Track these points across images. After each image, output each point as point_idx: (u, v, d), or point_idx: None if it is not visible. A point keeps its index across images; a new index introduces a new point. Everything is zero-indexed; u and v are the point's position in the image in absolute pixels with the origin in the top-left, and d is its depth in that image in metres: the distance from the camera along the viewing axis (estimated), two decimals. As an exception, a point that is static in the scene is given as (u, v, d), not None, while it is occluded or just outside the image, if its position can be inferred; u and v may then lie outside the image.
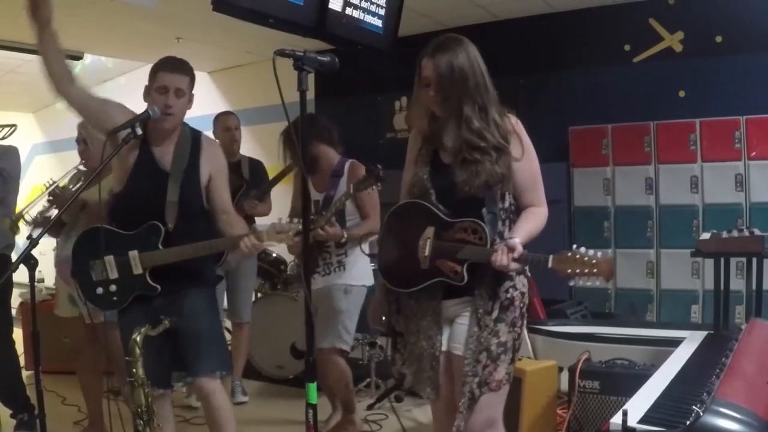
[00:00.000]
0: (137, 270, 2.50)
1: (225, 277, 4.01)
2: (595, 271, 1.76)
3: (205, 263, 2.65)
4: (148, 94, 2.57)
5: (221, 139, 4.05)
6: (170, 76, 2.54)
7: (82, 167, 3.47)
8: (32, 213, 3.42)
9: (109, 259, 2.53)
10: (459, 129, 2.00)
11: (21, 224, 3.41)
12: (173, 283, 2.54)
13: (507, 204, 2.05)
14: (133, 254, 2.50)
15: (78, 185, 3.38)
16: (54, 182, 3.37)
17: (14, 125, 3.90)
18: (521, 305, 2.06)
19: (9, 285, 3.49)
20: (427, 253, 2.01)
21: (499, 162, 1.98)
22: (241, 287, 4.16)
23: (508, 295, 2.03)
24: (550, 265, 1.83)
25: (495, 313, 2.00)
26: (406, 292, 2.11)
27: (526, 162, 2.04)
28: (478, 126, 1.98)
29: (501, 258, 1.87)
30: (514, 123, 2.06)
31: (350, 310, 3.44)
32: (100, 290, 2.55)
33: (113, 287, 2.53)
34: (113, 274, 2.53)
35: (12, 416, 3.64)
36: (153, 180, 2.53)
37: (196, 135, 2.66)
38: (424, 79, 2.04)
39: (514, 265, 1.89)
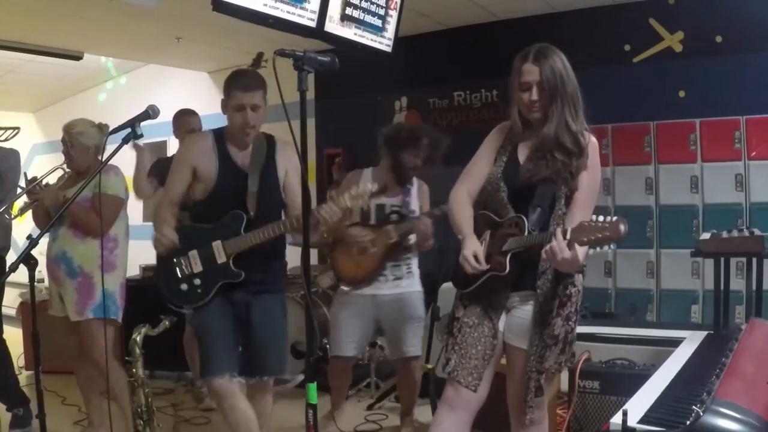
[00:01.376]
0: (221, 259, 2.58)
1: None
2: (607, 234, 1.82)
3: (281, 268, 2.85)
4: (225, 108, 2.67)
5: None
6: (244, 95, 2.60)
7: (65, 167, 3.46)
8: (10, 211, 3.42)
9: (193, 253, 2.61)
10: (554, 129, 2.10)
11: None
12: (255, 282, 2.64)
13: (562, 210, 2.13)
14: (216, 244, 2.58)
15: (62, 184, 3.37)
16: (35, 179, 3.38)
17: (17, 128, 3.91)
18: (577, 301, 2.16)
19: (1, 284, 3.49)
20: (482, 254, 2.11)
21: (571, 164, 2.09)
22: None
23: (567, 292, 2.13)
24: (568, 237, 1.89)
25: (555, 311, 2.11)
26: (465, 291, 2.24)
27: (588, 176, 2.12)
28: (576, 129, 2.10)
29: (551, 250, 1.92)
30: (587, 138, 2.16)
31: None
32: (184, 286, 2.62)
33: (197, 281, 2.60)
34: (197, 268, 2.60)
35: (8, 410, 3.68)
36: (236, 180, 2.64)
37: (269, 137, 2.79)
38: (523, 84, 2.13)
39: (565, 253, 1.91)
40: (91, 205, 3.19)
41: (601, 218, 1.86)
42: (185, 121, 4.14)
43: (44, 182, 3.35)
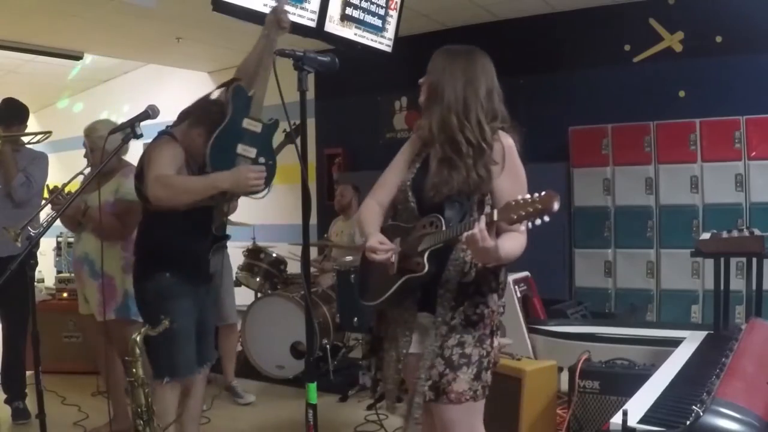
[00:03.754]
0: (256, 126, 2.61)
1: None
2: (539, 207, 1.65)
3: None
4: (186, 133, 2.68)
5: None
6: None
7: (86, 172, 3.48)
8: (37, 222, 3.44)
9: (241, 148, 2.58)
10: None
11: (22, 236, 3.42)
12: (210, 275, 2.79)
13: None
14: (246, 121, 2.60)
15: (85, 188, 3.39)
16: (57, 188, 3.39)
17: (49, 132, 3.93)
18: (492, 324, 2.01)
19: (30, 278, 3.51)
20: (393, 259, 1.97)
21: (477, 165, 1.93)
22: (227, 288, 4.05)
23: (478, 311, 1.97)
24: (495, 218, 1.73)
25: (456, 322, 1.95)
26: (375, 303, 2.07)
27: (506, 179, 1.96)
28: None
29: (472, 236, 1.75)
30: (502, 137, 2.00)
31: None
32: (261, 164, 2.62)
33: (262, 159, 2.62)
34: (252, 153, 2.60)
35: (6, 402, 3.74)
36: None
37: None
38: None
39: (487, 241, 1.74)
40: (113, 211, 3.21)
41: (531, 195, 1.69)
42: None
43: (66, 191, 3.35)
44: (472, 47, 2.07)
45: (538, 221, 1.67)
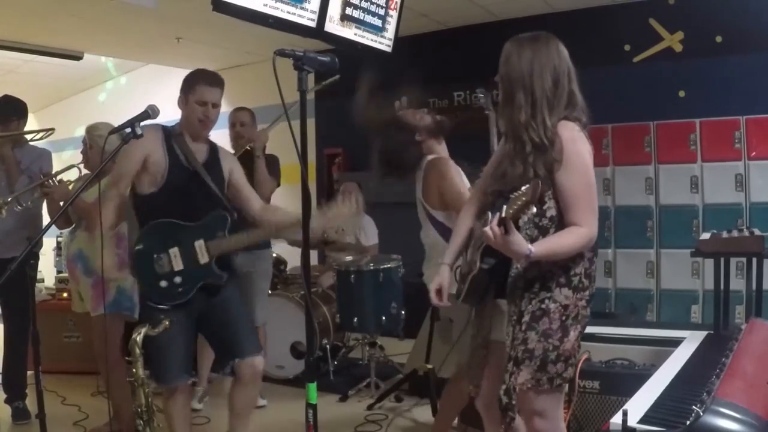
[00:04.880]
0: (203, 259, 2.56)
1: (239, 281, 3.96)
2: (524, 199, 1.75)
3: (232, 263, 2.83)
4: (185, 103, 2.69)
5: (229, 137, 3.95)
6: (210, 91, 2.67)
7: (81, 167, 3.52)
8: (22, 200, 3.49)
9: (174, 251, 2.56)
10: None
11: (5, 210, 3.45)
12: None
13: (548, 211, 1.98)
14: (199, 243, 2.55)
15: (76, 183, 3.43)
16: (49, 174, 3.43)
17: (52, 129, 3.98)
18: (561, 318, 1.98)
19: (31, 276, 3.55)
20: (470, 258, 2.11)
21: (536, 164, 1.96)
22: (258, 290, 3.99)
23: (543, 306, 1.98)
24: (503, 214, 1.78)
25: (525, 320, 1.99)
26: (460, 300, 2.21)
27: (563, 173, 1.98)
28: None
29: (484, 233, 1.87)
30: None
31: None
32: (164, 284, 2.57)
33: (178, 279, 2.56)
34: (178, 266, 2.56)
35: (6, 401, 3.75)
36: (183, 179, 2.62)
37: (210, 142, 2.84)
38: None
39: (497, 237, 1.81)
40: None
41: (523, 188, 1.78)
42: (228, 116, 4.00)
43: (58, 178, 3.43)
44: (537, 34, 2.08)
45: (528, 212, 1.78)
